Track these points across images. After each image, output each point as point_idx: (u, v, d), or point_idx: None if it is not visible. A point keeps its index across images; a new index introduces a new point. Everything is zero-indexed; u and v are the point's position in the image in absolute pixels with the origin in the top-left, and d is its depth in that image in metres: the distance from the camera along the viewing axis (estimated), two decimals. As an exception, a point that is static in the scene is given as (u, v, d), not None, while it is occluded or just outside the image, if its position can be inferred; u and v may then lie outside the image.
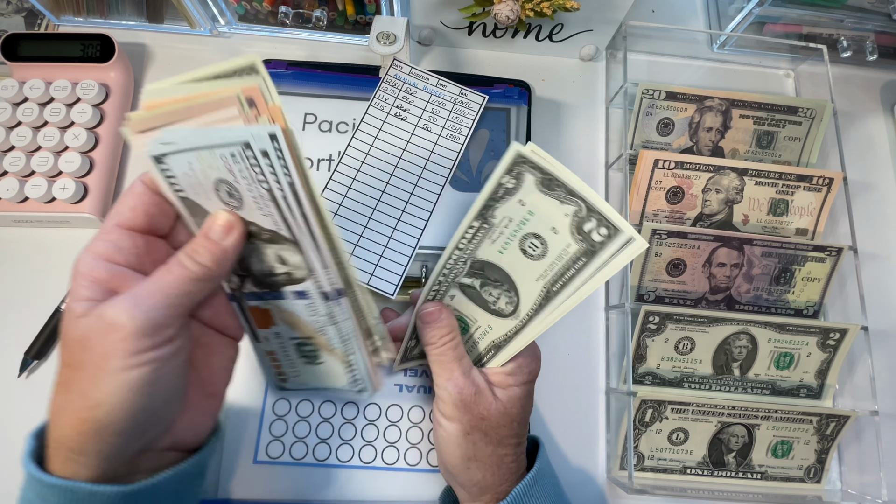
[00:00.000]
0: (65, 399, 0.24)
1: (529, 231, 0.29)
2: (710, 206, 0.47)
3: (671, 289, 0.45)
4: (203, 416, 0.30)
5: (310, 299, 0.30)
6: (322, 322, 0.31)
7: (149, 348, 0.24)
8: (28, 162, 0.42)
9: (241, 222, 0.26)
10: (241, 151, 0.23)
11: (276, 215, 0.25)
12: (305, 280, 0.29)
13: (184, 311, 0.25)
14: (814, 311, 0.47)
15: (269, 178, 0.23)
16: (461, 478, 0.33)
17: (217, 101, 0.23)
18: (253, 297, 0.31)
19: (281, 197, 0.24)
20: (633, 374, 0.43)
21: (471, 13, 0.46)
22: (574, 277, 0.29)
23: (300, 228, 0.26)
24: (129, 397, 0.23)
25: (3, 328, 0.41)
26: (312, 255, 0.27)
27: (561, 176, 0.27)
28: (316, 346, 0.33)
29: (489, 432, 0.32)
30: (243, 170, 0.23)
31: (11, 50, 0.44)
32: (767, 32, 0.55)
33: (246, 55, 0.24)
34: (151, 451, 0.27)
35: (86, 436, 0.24)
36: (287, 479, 0.39)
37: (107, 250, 0.25)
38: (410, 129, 0.45)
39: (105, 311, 0.23)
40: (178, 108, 0.24)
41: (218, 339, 0.30)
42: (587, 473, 0.43)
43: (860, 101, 0.56)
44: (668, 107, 0.48)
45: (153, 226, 0.27)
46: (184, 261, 0.25)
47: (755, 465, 0.43)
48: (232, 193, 0.25)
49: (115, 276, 0.25)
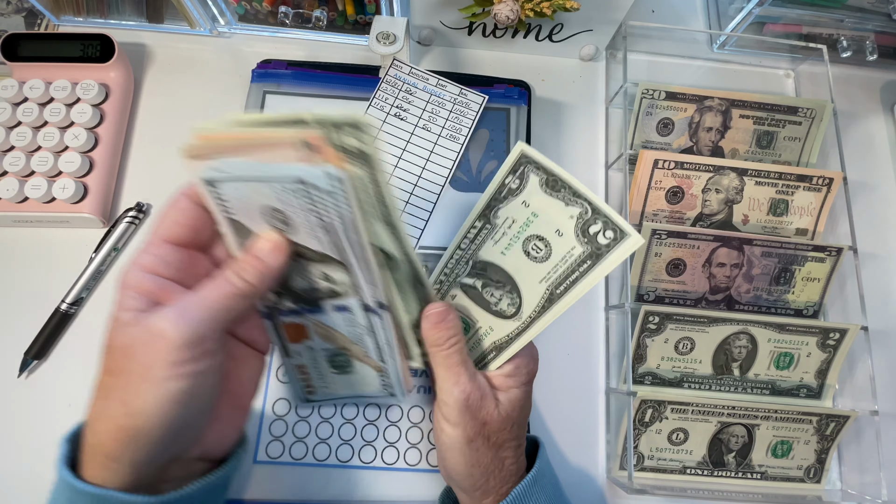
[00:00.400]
0: (104, 405, 0.25)
1: (533, 233, 0.29)
2: (709, 206, 0.47)
3: (671, 289, 0.45)
4: (230, 427, 0.30)
5: (350, 313, 0.30)
6: (360, 333, 0.31)
7: (190, 360, 0.24)
8: (28, 162, 0.43)
9: (288, 243, 0.27)
10: (303, 188, 0.23)
11: (328, 242, 0.26)
12: (349, 295, 0.29)
13: (225, 326, 0.26)
14: (814, 311, 0.47)
15: (332, 214, 0.24)
16: (464, 483, 0.33)
17: (276, 141, 0.23)
18: (289, 314, 0.31)
19: (340, 229, 0.25)
20: (633, 374, 0.43)
21: (471, 13, 0.46)
22: (579, 280, 0.29)
23: (355, 255, 0.26)
24: (169, 407, 0.24)
25: (3, 328, 0.41)
26: (362, 275, 0.27)
27: (565, 177, 0.27)
28: (349, 356, 0.33)
29: (491, 437, 0.32)
30: (302, 203, 0.24)
31: (11, 50, 0.44)
32: (767, 32, 0.55)
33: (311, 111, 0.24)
34: (180, 461, 0.27)
35: (122, 443, 0.24)
36: (287, 479, 0.39)
37: (153, 264, 0.26)
38: (410, 129, 0.45)
39: (152, 321, 0.24)
40: (234, 144, 0.24)
41: (247, 352, 0.31)
42: (587, 473, 0.43)
43: (860, 101, 0.56)
44: (668, 107, 0.48)
45: (196, 240, 0.27)
46: (230, 277, 0.26)
47: (755, 465, 0.43)
48: (283, 220, 0.26)
49: (161, 289, 0.26)
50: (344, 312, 0.30)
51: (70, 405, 0.40)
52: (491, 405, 0.32)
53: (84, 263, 0.42)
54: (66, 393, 0.41)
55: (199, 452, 0.28)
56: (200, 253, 0.28)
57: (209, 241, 0.28)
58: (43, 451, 0.39)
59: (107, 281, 0.43)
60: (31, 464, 0.39)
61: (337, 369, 0.34)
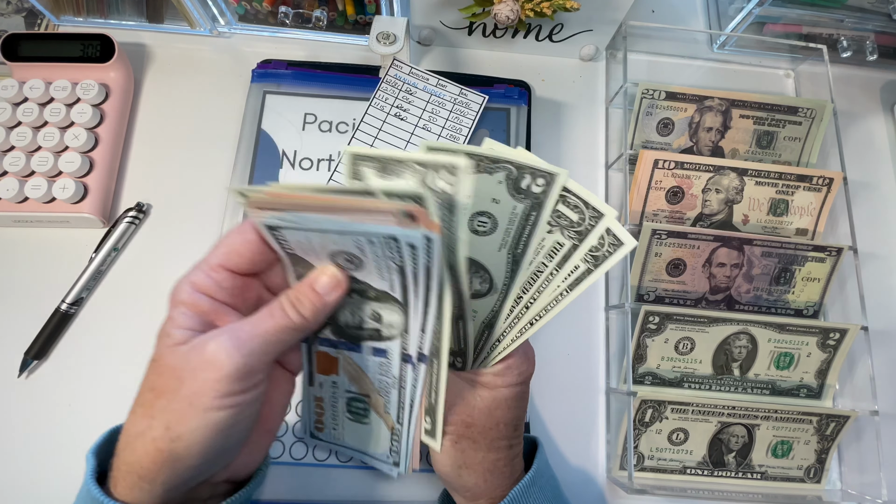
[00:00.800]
0: (147, 426, 0.24)
1: (473, 211, 0.29)
2: (710, 206, 0.47)
3: (671, 289, 0.45)
4: (259, 450, 0.30)
5: (387, 359, 0.29)
6: (388, 384, 0.30)
7: (239, 392, 0.24)
8: (28, 162, 0.43)
9: (348, 280, 0.26)
10: (395, 244, 0.23)
11: (397, 283, 0.25)
12: (392, 339, 0.28)
13: (274, 357, 0.26)
14: (814, 311, 0.47)
15: (408, 263, 0.23)
16: (454, 484, 0.33)
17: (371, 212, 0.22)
18: (326, 343, 0.31)
19: (411, 273, 0.24)
20: (633, 374, 0.43)
21: (471, 13, 0.46)
22: (532, 233, 0.28)
23: (416, 296, 0.25)
24: (211, 435, 0.23)
25: (3, 328, 0.41)
26: (416, 319, 0.27)
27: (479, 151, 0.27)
28: (368, 406, 0.32)
29: (477, 438, 0.31)
30: (385, 252, 0.23)
31: (11, 50, 0.44)
32: (767, 32, 0.55)
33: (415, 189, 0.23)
34: (208, 483, 0.27)
35: (159, 465, 0.24)
36: (287, 479, 0.39)
37: (209, 286, 0.25)
38: (410, 129, 0.45)
39: (206, 346, 0.23)
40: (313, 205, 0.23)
41: (280, 373, 0.30)
42: (587, 473, 0.43)
43: (860, 101, 0.56)
44: (668, 107, 0.48)
45: (255, 270, 0.27)
46: (287, 309, 0.25)
47: (755, 465, 0.43)
48: (352, 261, 0.25)
49: (215, 311, 0.25)
50: (380, 357, 0.30)
51: (70, 405, 0.40)
52: (470, 405, 0.31)
53: (84, 263, 0.42)
54: (66, 393, 0.41)
55: (228, 476, 0.28)
56: (254, 279, 0.28)
57: (267, 268, 0.28)
58: (43, 451, 0.39)
59: (107, 281, 0.43)
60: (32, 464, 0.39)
61: (352, 415, 0.34)
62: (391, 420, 0.32)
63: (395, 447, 0.33)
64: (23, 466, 0.39)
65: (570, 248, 0.28)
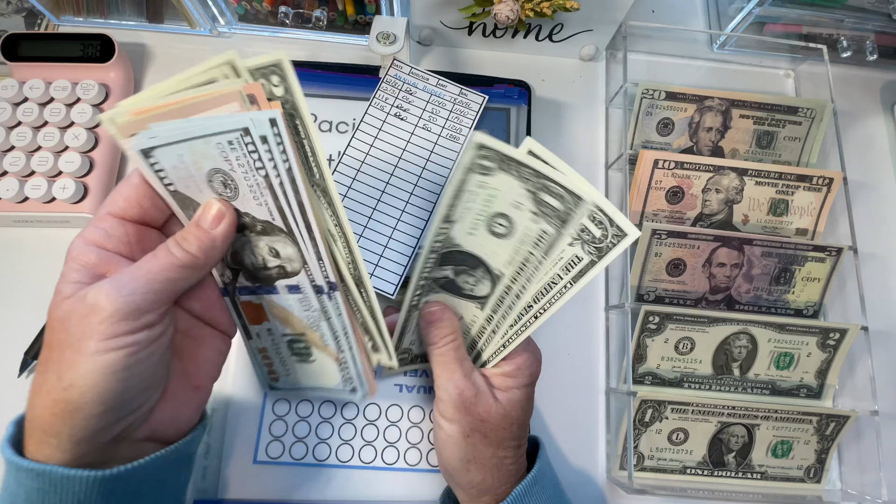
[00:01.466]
0: (42, 379, 0.24)
1: (496, 211, 0.29)
2: (710, 206, 0.47)
3: (671, 289, 0.45)
4: (186, 408, 0.29)
5: (302, 294, 0.30)
6: (314, 318, 0.31)
7: (126, 332, 0.24)
8: (28, 162, 0.42)
9: (233, 212, 0.26)
10: (240, 139, 0.23)
11: (272, 204, 0.25)
12: (298, 273, 0.29)
13: (166, 298, 0.25)
14: (814, 311, 0.47)
15: (267, 165, 0.24)
16: (461, 479, 0.33)
17: (217, 99, 0.24)
18: (246, 292, 0.31)
19: (278, 184, 0.24)
20: (633, 374, 0.43)
21: (471, 13, 0.46)
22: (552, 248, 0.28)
23: (296, 217, 0.26)
24: (102, 380, 0.23)
25: (3, 328, 0.41)
26: (307, 245, 0.27)
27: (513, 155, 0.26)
28: (308, 343, 0.33)
29: (489, 434, 0.32)
30: (240, 157, 0.24)
31: (11, 50, 0.44)
32: (767, 32, 0.55)
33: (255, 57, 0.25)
34: (128, 441, 0.27)
35: (58, 416, 0.24)
36: (287, 480, 0.39)
37: (98, 237, 0.26)
38: (410, 129, 0.45)
39: (87, 293, 0.24)
40: (172, 110, 0.24)
41: (208, 332, 0.30)
42: (587, 473, 0.43)
43: (860, 101, 0.56)
44: (668, 107, 0.48)
45: (146, 216, 0.27)
46: (171, 248, 0.25)
47: (755, 465, 0.43)
48: (226, 183, 0.25)
49: (104, 262, 0.25)
50: (296, 293, 0.30)
51: (70, 405, 0.40)
52: (487, 402, 0.32)
53: (84, 263, 0.42)
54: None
55: (149, 432, 0.27)
56: (154, 229, 0.28)
57: (163, 218, 0.28)
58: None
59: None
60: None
61: (297, 356, 0.34)
62: (333, 351, 0.32)
63: (347, 375, 0.34)
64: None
65: (587, 263, 0.28)
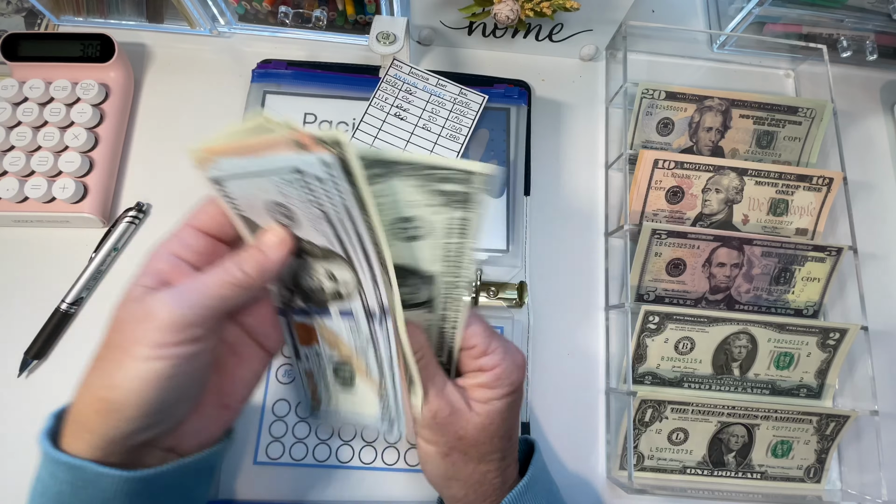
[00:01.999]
0: (92, 376, 0.25)
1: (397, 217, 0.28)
2: (710, 206, 0.47)
3: (671, 289, 0.45)
4: (213, 425, 0.29)
5: (354, 318, 0.30)
6: (362, 344, 0.31)
7: (175, 343, 0.24)
8: (28, 162, 0.43)
9: (291, 237, 0.27)
10: (300, 178, 0.24)
11: (331, 234, 0.26)
12: (353, 298, 0.29)
13: (217, 315, 0.26)
14: (814, 311, 0.47)
15: (325, 202, 0.24)
16: (443, 493, 0.32)
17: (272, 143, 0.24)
18: (300, 313, 0.31)
19: (336, 219, 0.25)
20: (633, 374, 0.43)
21: (471, 13, 0.46)
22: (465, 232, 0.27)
23: (353, 247, 0.26)
24: (146, 386, 0.24)
25: (3, 328, 0.41)
26: (364, 272, 0.27)
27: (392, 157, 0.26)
28: (352, 370, 0.33)
29: (468, 451, 0.30)
30: (301, 194, 0.24)
31: (11, 50, 0.44)
32: (767, 32, 0.55)
33: None
34: (154, 449, 0.27)
35: (99, 414, 0.24)
36: (287, 480, 0.39)
37: (175, 245, 0.27)
38: (410, 129, 0.45)
39: (147, 299, 0.25)
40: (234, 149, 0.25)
41: (252, 349, 0.31)
42: (587, 473, 0.43)
43: (860, 101, 0.56)
44: (668, 107, 0.48)
45: (221, 232, 0.28)
46: (229, 266, 0.26)
47: (755, 465, 0.43)
48: (286, 213, 0.26)
49: (174, 270, 0.26)
50: (348, 318, 0.30)
51: (70, 405, 0.40)
52: (464, 419, 0.30)
53: (84, 263, 0.42)
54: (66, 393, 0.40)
55: (174, 444, 0.28)
56: (226, 245, 0.29)
57: (235, 235, 0.29)
58: (43, 451, 0.39)
59: (107, 281, 0.43)
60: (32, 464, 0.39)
61: (340, 382, 0.34)
62: (375, 379, 0.32)
63: (386, 407, 0.33)
64: (23, 466, 0.39)
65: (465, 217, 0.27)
